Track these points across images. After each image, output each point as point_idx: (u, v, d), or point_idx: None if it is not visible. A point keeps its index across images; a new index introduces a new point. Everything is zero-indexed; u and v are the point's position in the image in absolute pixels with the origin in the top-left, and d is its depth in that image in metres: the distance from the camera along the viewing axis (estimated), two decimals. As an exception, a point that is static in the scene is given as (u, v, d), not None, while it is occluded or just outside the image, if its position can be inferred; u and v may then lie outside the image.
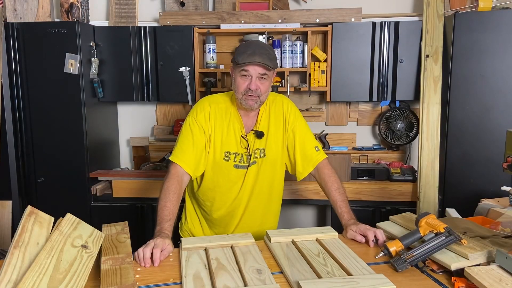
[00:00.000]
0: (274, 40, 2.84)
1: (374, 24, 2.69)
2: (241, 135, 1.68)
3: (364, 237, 1.47)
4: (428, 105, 2.59)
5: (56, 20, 2.87)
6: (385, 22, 2.69)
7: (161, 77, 2.82)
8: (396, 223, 1.57)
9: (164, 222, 1.45)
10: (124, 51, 2.79)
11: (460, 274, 1.18)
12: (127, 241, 1.37)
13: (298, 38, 2.80)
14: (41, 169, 2.72)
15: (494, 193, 2.12)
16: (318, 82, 2.80)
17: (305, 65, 2.81)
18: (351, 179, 2.72)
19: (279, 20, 2.75)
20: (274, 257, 1.34)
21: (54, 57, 2.60)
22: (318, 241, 1.44)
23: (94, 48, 2.75)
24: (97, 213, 2.73)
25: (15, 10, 2.72)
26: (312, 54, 2.79)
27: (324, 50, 2.84)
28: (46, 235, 1.17)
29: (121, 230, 1.47)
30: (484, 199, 1.92)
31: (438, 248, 1.24)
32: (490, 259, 1.20)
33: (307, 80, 2.77)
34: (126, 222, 1.55)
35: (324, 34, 2.90)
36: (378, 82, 2.74)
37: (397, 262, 1.23)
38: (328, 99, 2.82)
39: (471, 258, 1.19)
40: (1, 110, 2.61)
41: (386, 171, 2.72)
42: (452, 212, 1.91)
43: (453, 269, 1.18)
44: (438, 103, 2.58)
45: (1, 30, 2.59)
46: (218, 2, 2.99)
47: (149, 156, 3.13)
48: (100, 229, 1.40)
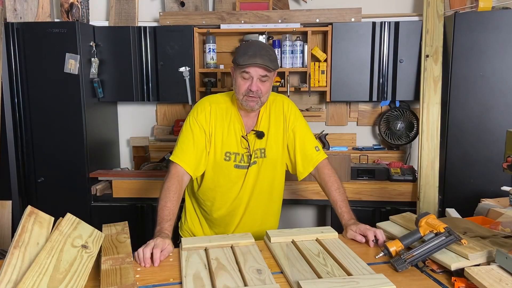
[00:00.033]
0: (274, 40, 2.84)
1: (374, 24, 2.69)
2: (241, 135, 1.68)
3: (364, 237, 1.47)
4: (428, 105, 2.59)
5: (56, 20, 2.87)
6: (385, 22, 2.69)
7: (161, 77, 2.82)
8: (396, 223, 1.57)
9: (164, 222, 1.45)
10: (124, 51, 2.79)
11: (460, 274, 1.18)
12: (127, 241, 1.37)
13: (298, 38, 2.80)
14: (41, 169, 2.72)
15: (494, 193, 2.12)
16: (318, 82, 2.80)
17: (305, 65, 2.81)
18: (351, 179, 2.72)
19: (279, 20, 2.75)
20: (274, 257, 1.34)
21: (54, 57, 2.60)
22: (318, 241, 1.44)
23: (94, 48, 2.75)
24: (97, 213, 2.73)
25: (15, 10, 2.72)
26: (312, 54, 2.79)
27: (324, 50, 2.84)
28: (46, 235, 1.17)
29: (121, 230, 1.47)
30: (484, 199, 1.92)
31: (438, 248, 1.24)
32: (490, 259, 1.20)
33: (307, 80, 2.77)
34: (126, 222, 1.55)
35: (324, 34, 2.90)
36: (378, 82, 2.74)
37: (397, 262, 1.23)
38: (328, 99, 2.82)
39: (471, 258, 1.19)
40: (1, 110, 2.61)
41: (386, 171, 2.72)
42: (452, 212, 1.91)
43: (453, 269, 1.18)
44: (438, 103, 2.58)
45: (1, 30, 2.59)
46: (218, 2, 2.99)
47: (149, 156, 3.13)
48: (100, 229, 1.40)
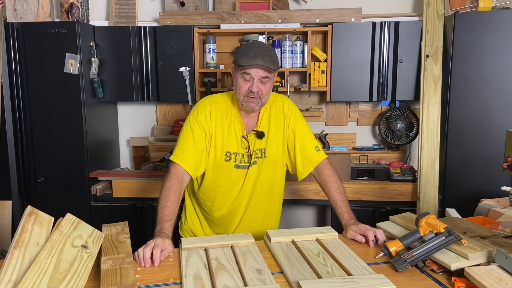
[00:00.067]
0: (274, 40, 2.84)
1: (374, 24, 2.69)
2: (241, 135, 1.68)
3: (364, 237, 1.47)
4: (428, 105, 2.59)
5: (56, 20, 2.87)
6: (385, 22, 2.69)
7: (161, 77, 2.82)
8: (396, 223, 1.57)
9: (164, 222, 1.45)
10: (124, 51, 2.79)
11: (460, 274, 1.18)
12: (127, 241, 1.37)
13: (298, 38, 2.80)
14: (41, 169, 2.72)
15: (494, 193, 2.12)
16: (318, 82, 2.80)
17: (305, 65, 2.81)
18: (351, 179, 2.72)
19: (279, 20, 2.75)
20: (274, 257, 1.34)
21: (54, 57, 2.60)
22: (318, 241, 1.44)
23: (94, 48, 2.75)
24: (97, 213, 2.73)
25: (15, 10, 2.72)
26: (312, 54, 2.79)
27: (324, 50, 2.84)
28: (46, 235, 1.17)
29: (121, 230, 1.47)
30: (484, 199, 1.92)
31: (438, 248, 1.24)
32: (490, 259, 1.20)
33: (307, 80, 2.77)
34: (126, 222, 1.55)
35: (324, 34, 2.90)
36: (378, 82, 2.74)
37: (397, 262, 1.23)
38: (328, 99, 2.82)
39: (471, 258, 1.19)
40: (1, 110, 2.61)
41: (386, 171, 2.72)
42: (452, 212, 1.91)
43: (453, 269, 1.18)
44: (438, 103, 2.58)
45: (1, 30, 2.59)
46: (218, 2, 2.99)
47: (149, 156, 3.13)
48: (100, 229, 1.40)
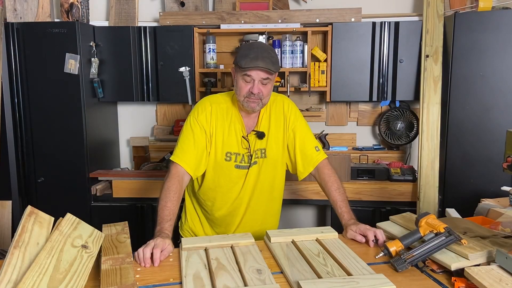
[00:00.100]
0: (274, 40, 2.84)
1: (374, 24, 2.69)
2: (242, 136, 1.68)
3: (364, 237, 1.47)
4: (428, 105, 2.59)
5: (56, 20, 2.87)
6: (385, 22, 2.69)
7: (161, 77, 2.82)
8: (396, 223, 1.57)
9: (164, 222, 1.45)
10: (124, 51, 2.79)
11: (460, 274, 1.18)
12: (127, 241, 1.37)
13: (298, 38, 2.80)
14: (41, 169, 2.72)
15: (494, 193, 2.12)
16: (318, 82, 2.79)
17: (305, 65, 2.81)
18: (351, 179, 2.72)
19: (279, 20, 2.75)
20: (274, 257, 1.34)
21: (54, 57, 2.60)
22: (318, 241, 1.44)
23: (94, 48, 2.75)
24: (97, 213, 2.73)
25: (15, 10, 2.72)
26: (312, 54, 2.79)
27: (324, 50, 2.84)
28: (46, 235, 1.17)
29: (121, 230, 1.47)
30: (484, 199, 1.92)
31: (438, 248, 1.24)
32: (490, 259, 1.20)
33: (307, 80, 2.77)
34: (126, 222, 1.55)
35: (324, 34, 2.90)
36: (378, 82, 2.74)
37: (397, 262, 1.23)
38: (328, 99, 2.82)
39: (471, 258, 1.19)
40: (1, 110, 2.61)
41: (386, 171, 2.72)
42: (452, 212, 1.91)
43: (453, 269, 1.18)
44: (438, 103, 2.58)
45: (1, 30, 2.59)
46: (218, 2, 2.99)
47: (149, 156, 3.13)
48: (100, 229, 1.40)
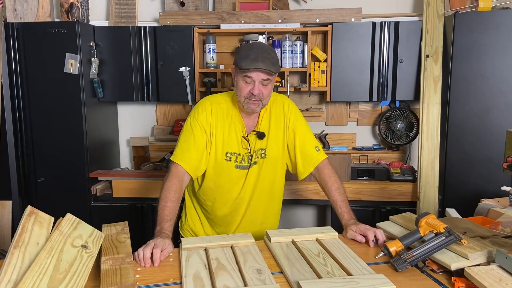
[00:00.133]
0: (274, 40, 2.84)
1: (374, 24, 2.69)
2: (242, 136, 1.68)
3: (364, 237, 1.47)
4: (428, 105, 2.59)
5: (56, 20, 2.87)
6: (385, 22, 2.69)
7: (161, 77, 2.82)
8: (396, 223, 1.57)
9: (164, 222, 1.45)
10: (124, 51, 2.79)
11: (460, 274, 1.18)
12: (127, 241, 1.37)
13: (298, 38, 2.80)
14: (41, 169, 2.72)
15: (494, 193, 2.12)
16: (318, 82, 2.79)
17: (305, 65, 2.81)
18: (351, 179, 2.72)
19: (279, 20, 2.75)
20: (274, 257, 1.34)
21: (54, 57, 2.60)
22: (318, 241, 1.44)
23: (94, 48, 2.75)
24: (97, 213, 2.73)
25: (15, 10, 2.72)
26: (312, 54, 2.79)
27: (324, 50, 2.84)
28: (46, 235, 1.16)
29: (121, 230, 1.47)
30: (484, 199, 1.92)
31: (438, 248, 1.24)
32: (490, 259, 1.20)
33: (307, 80, 2.77)
34: (126, 222, 1.55)
35: (324, 34, 2.90)
36: (378, 82, 2.74)
37: (397, 262, 1.23)
38: (328, 99, 2.82)
39: (471, 258, 1.19)
40: (1, 110, 2.61)
41: (386, 171, 2.72)
42: (452, 212, 1.91)
43: (453, 269, 1.18)
44: (438, 103, 2.58)
45: (1, 30, 2.59)
46: (218, 2, 2.99)
47: (149, 156, 3.13)
48: (100, 229, 1.40)
